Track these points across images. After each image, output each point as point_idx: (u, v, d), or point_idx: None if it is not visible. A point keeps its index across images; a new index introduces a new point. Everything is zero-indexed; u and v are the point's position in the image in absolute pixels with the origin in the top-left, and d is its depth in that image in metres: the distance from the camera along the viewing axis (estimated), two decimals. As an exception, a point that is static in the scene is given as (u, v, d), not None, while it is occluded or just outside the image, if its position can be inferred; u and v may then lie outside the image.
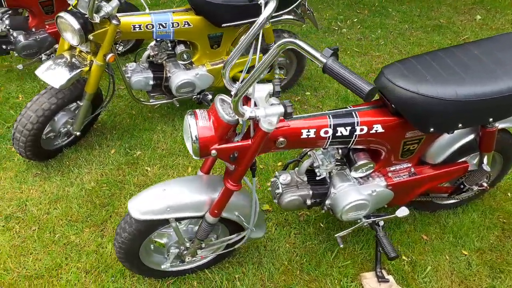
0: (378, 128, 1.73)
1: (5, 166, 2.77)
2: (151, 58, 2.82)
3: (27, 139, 2.49)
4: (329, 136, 1.69)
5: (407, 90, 1.63)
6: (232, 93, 1.41)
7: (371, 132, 1.73)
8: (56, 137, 2.75)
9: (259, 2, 1.57)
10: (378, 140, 1.79)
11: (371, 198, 1.94)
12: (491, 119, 1.76)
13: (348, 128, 1.70)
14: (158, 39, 2.72)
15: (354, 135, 1.72)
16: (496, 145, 2.03)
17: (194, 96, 2.91)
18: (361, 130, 1.71)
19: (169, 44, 2.76)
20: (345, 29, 4.30)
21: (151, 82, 2.79)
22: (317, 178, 1.93)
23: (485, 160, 2.03)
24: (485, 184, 2.18)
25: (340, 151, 1.90)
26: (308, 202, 1.95)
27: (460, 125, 1.73)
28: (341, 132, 1.69)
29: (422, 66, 1.73)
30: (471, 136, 1.98)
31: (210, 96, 2.90)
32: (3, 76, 3.74)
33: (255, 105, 1.50)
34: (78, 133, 2.75)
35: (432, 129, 1.71)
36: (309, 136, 1.67)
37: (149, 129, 3.08)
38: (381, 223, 2.08)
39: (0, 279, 2.10)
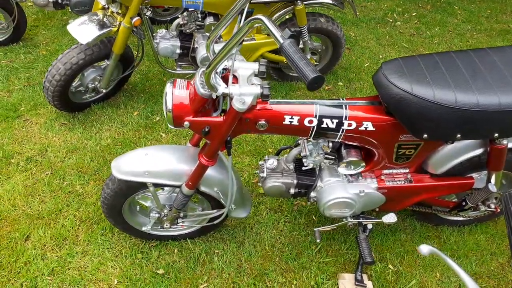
0: (368, 126, 1.64)
1: (39, 112, 2.98)
2: (181, 27, 2.85)
3: (55, 89, 2.65)
4: (314, 127, 1.63)
5: (400, 89, 1.52)
6: (206, 64, 1.40)
7: (359, 129, 1.64)
8: (85, 91, 2.90)
9: None
10: (367, 139, 1.69)
11: (358, 198, 1.86)
12: (496, 135, 1.60)
13: (335, 121, 1.62)
14: (189, 9, 2.74)
15: (341, 129, 1.64)
16: (508, 165, 1.85)
17: (219, 71, 2.92)
18: (349, 125, 1.63)
19: (199, 15, 2.77)
20: (399, 22, 4.06)
21: (178, 51, 2.84)
22: (304, 168, 1.88)
23: (492, 179, 1.86)
24: (493, 206, 2.00)
25: (330, 144, 1.83)
26: (292, 191, 1.91)
27: (458, 135, 1.59)
28: (326, 124, 1.63)
29: (426, 66, 1.60)
30: (479, 151, 1.82)
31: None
32: (60, 30, 3.98)
33: (236, 82, 1.48)
34: (104, 90, 2.88)
35: (425, 135, 1.59)
36: (292, 123, 1.62)
37: (174, 97, 3.15)
38: (370, 225, 2.00)
39: (6, 213, 2.29)
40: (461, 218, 2.25)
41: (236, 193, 1.85)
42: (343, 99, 1.69)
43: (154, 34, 2.84)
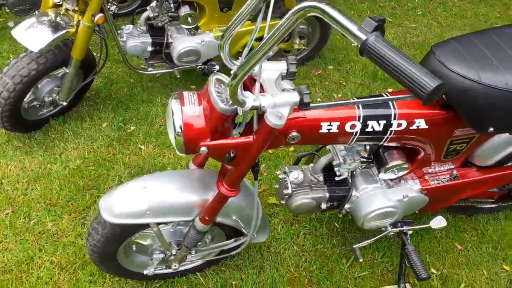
0: (421, 123, 1.34)
1: (-16, 136, 2.47)
2: (150, 21, 2.42)
3: (3, 108, 2.16)
4: (357, 132, 1.31)
5: (465, 78, 1.22)
6: (232, 73, 1.03)
7: (411, 128, 1.35)
8: (41, 106, 2.42)
9: None
10: (418, 138, 1.40)
11: (401, 205, 1.58)
12: None
13: (382, 122, 1.31)
14: (158, -2, 2.32)
15: (388, 131, 1.33)
16: None
17: (199, 67, 2.53)
18: (399, 125, 1.33)
19: (172, 5, 2.34)
20: (377, -5, 3.80)
21: (150, 48, 2.41)
22: (337, 178, 1.56)
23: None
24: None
25: (368, 147, 1.52)
26: (323, 205, 1.59)
27: (529, 125, 1.33)
28: (372, 127, 1.31)
29: (485, 46, 1.31)
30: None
31: (217, 67, 2.51)
32: (-5, 34, 3.39)
33: (261, 90, 1.13)
34: (64, 103, 2.41)
35: (491, 129, 1.31)
36: (331, 131, 1.29)
37: (147, 100, 2.72)
38: (409, 231, 1.73)
39: (-37, 271, 1.83)
40: (495, 205, 2.03)
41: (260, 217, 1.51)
42: (386, 95, 1.37)
43: (119, 32, 2.39)
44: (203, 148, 1.15)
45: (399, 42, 3.28)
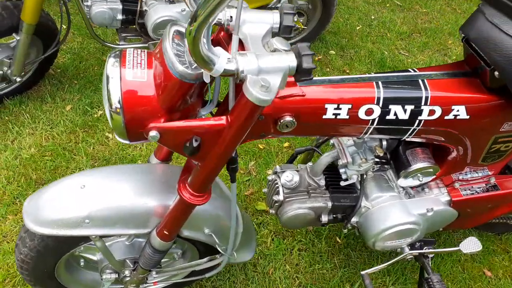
0: (460, 111, 0.99)
1: None
2: (122, -16, 2.04)
3: None
4: (374, 120, 0.95)
5: (534, 46, 0.86)
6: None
7: (446, 117, 0.99)
8: (-9, 82, 2.04)
9: None
10: (453, 132, 1.04)
11: (423, 221, 1.23)
12: None
13: (410, 107, 0.95)
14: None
15: (416, 121, 0.98)
16: None
17: (179, 42, 2.15)
18: (431, 113, 0.97)
19: (148, -35, 1.97)
20: (385, -24, 3.43)
21: (120, 17, 2.03)
22: (343, 183, 1.20)
23: None
24: None
25: (384, 142, 1.15)
26: (324, 218, 1.23)
27: None
28: (395, 114, 0.95)
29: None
30: None
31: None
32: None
33: (242, 47, 0.77)
34: (18, 78, 2.03)
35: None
36: (338, 117, 0.93)
37: (120, 82, 2.34)
38: (431, 254, 1.37)
39: None
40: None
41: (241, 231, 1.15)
42: (414, 70, 1.01)
43: (83, -6, 2.01)
44: (152, 133, 0.79)
45: (409, 27, 2.92)
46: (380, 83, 0.94)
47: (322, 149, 1.33)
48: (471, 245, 1.25)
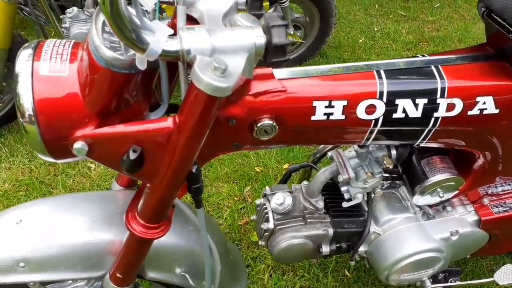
0: (488, 104, 0.78)
1: None
2: (102, 2, 1.90)
3: None
4: (377, 120, 0.75)
5: None
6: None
7: (469, 112, 0.77)
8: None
9: None
10: (479, 133, 0.83)
11: (447, 247, 1.00)
12: None
13: (422, 101, 0.74)
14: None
15: (432, 119, 0.77)
16: None
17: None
18: (450, 107, 0.76)
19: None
20: (386, -11, 3.29)
21: (99, 37, 1.88)
22: (345, 204, 0.98)
23: None
24: None
25: (394, 151, 0.94)
26: (325, 248, 1.00)
27: None
28: (404, 111, 0.75)
29: None
30: None
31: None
32: None
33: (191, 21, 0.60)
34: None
35: None
36: (331, 118, 0.73)
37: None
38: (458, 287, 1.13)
39: None
40: None
41: (220, 268, 0.93)
42: (425, 56, 0.80)
43: (61, 16, 1.88)
44: (78, 144, 0.59)
45: (415, 37, 2.74)
46: (382, 72, 0.74)
47: (320, 165, 1.12)
48: (508, 274, 1.01)
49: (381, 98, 0.73)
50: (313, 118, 0.72)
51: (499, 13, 0.74)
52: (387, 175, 1.01)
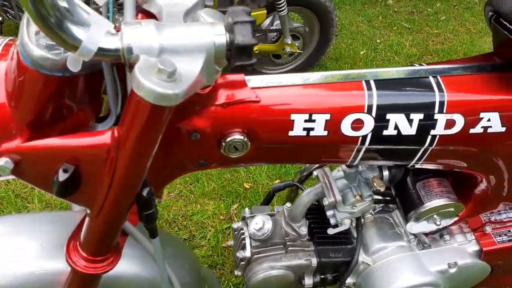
0: (492, 121, 0.68)
1: None
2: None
3: None
4: (366, 136, 0.65)
5: None
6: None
7: (472, 130, 0.68)
8: None
9: None
10: (483, 153, 0.73)
11: (444, 280, 0.90)
12: None
13: (417, 117, 0.65)
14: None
15: (429, 137, 0.67)
16: None
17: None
18: (449, 124, 0.66)
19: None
20: (391, 0, 3.21)
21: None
22: (331, 231, 0.88)
23: None
24: None
25: (386, 172, 0.84)
26: (308, 280, 0.90)
27: None
28: (396, 127, 0.65)
29: None
30: None
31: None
32: None
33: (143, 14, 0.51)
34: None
35: None
36: (312, 133, 0.64)
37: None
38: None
39: None
40: None
41: None
42: (422, 65, 0.71)
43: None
44: (1, 161, 0.49)
45: (419, 50, 2.65)
46: (372, 82, 0.64)
47: (306, 185, 1.02)
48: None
49: (369, 112, 0.63)
50: (291, 133, 0.63)
51: (509, 17, 0.64)
52: (379, 197, 0.91)
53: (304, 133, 0.63)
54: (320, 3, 2.06)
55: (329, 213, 0.86)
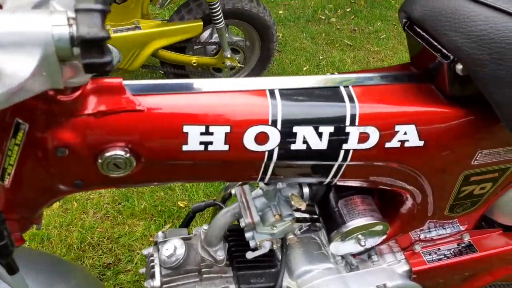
0: (409, 134, 0.63)
1: None
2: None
3: None
4: (272, 151, 0.58)
5: (513, 17, 0.53)
6: None
7: (388, 145, 0.63)
8: None
9: None
10: (402, 170, 0.68)
11: (374, 302, 0.83)
12: None
13: (327, 129, 0.59)
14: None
15: (341, 152, 0.61)
16: None
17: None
18: (362, 138, 0.61)
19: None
20: (334, 18, 3.24)
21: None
22: (250, 255, 0.80)
23: None
24: None
25: (306, 190, 0.78)
26: (227, 310, 0.81)
27: None
28: (305, 141, 0.59)
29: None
30: None
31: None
32: None
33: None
34: None
35: None
36: (211, 148, 0.56)
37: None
38: None
39: None
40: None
41: None
42: (335, 73, 0.66)
43: None
44: None
45: (361, 66, 2.68)
46: (276, 92, 0.58)
47: (229, 204, 0.94)
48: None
49: (274, 124, 0.57)
50: (185, 148, 0.55)
51: (420, 21, 0.61)
52: (303, 216, 0.85)
53: (202, 147, 0.56)
54: (259, 17, 2.03)
55: (247, 234, 0.79)
